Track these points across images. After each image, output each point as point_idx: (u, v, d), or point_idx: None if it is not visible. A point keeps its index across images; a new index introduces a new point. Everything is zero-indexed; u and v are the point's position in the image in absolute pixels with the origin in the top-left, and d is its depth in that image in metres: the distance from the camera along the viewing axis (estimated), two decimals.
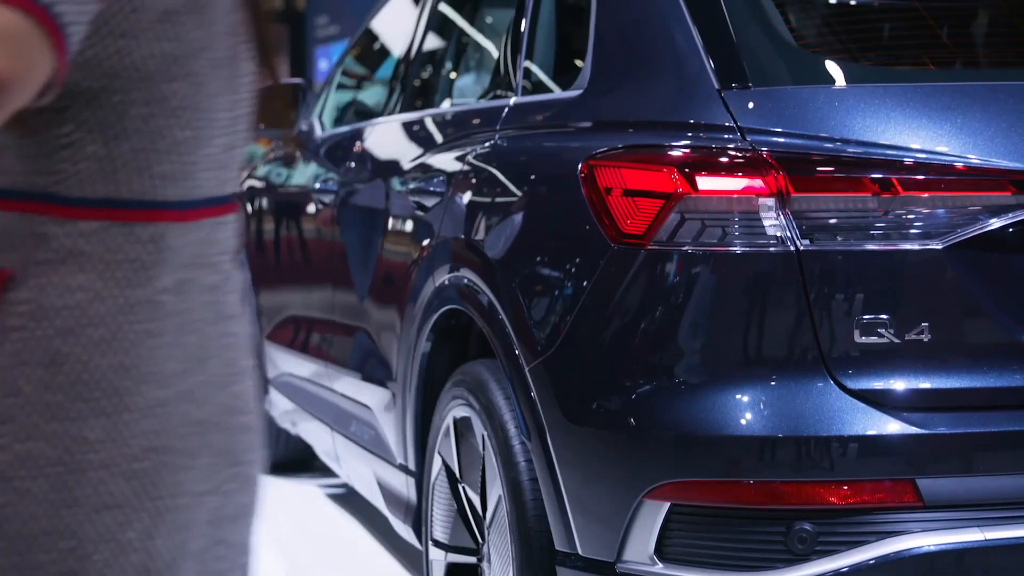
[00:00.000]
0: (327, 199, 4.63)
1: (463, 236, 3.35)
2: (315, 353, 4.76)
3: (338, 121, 5.18)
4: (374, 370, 4.05)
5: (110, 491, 1.41)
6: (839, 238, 2.64)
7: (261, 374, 5.51)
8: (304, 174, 5.11)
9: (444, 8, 4.41)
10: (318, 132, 5.16)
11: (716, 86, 2.81)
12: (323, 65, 22.14)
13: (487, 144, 3.44)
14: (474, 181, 3.40)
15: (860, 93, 2.76)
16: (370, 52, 5.48)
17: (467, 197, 3.40)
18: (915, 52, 2.94)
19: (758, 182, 2.65)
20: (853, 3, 3.04)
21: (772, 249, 2.65)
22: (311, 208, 4.84)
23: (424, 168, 3.76)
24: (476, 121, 3.67)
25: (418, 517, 3.63)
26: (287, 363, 5.16)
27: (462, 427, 3.31)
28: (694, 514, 2.66)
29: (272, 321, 5.35)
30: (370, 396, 4.11)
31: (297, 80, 5.29)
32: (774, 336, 2.67)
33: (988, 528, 2.59)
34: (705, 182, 2.68)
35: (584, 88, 3.15)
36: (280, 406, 5.35)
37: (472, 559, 3.34)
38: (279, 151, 5.69)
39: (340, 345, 4.47)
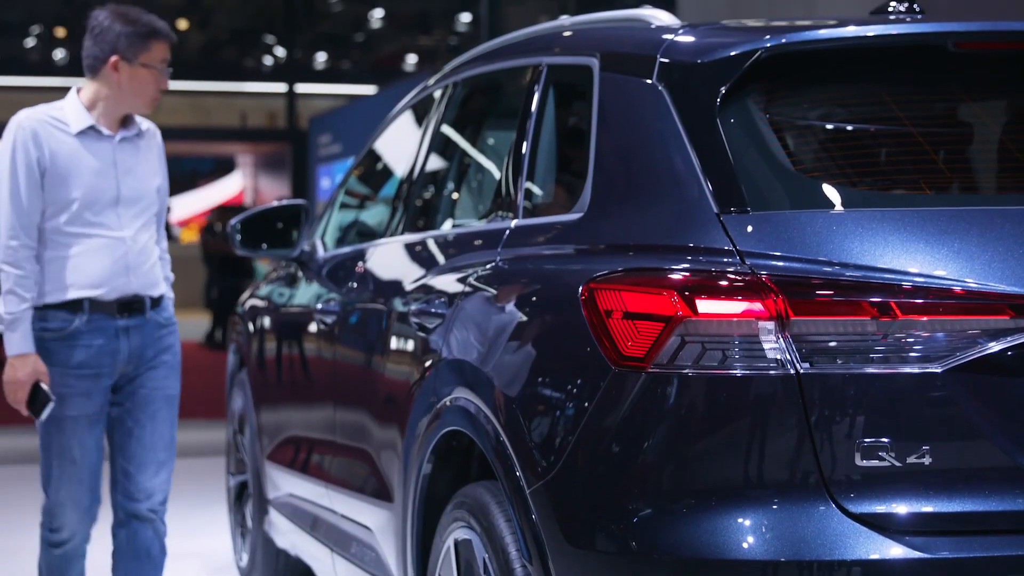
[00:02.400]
0: (329, 319, 4.65)
1: (464, 357, 3.36)
2: (315, 473, 4.75)
3: (340, 242, 5.22)
4: (375, 491, 4.04)
5: None
6: (839, 361, 2.66)
7: (260, 494, 5.49)
8: (306, 294, 5.13)
9: (446, 129, 4.46)
10: (320, 253, 5.19)
11: (715, 210, 2.84)
12: (325, 183, 22.33)
13: (488, 266, 3.47)
14: (475, 303, 3.42)
15: (858, 217, 2.79)
16: (373, 172, 5.53)
17: (468, 318, 3.42)
18: (912, 177, 2.98)
19: (758, 305, 2.67)
20: (850, 128, 3.08)
21: (772, 372, 2.66)
22: (313, 328, 4.86)
23: (426, 289, 3.79)
24: (478, 243, 3.70)
25: None
26: (287, 483, 5.15)
27: (463, 550, 3.29)
28: None
29: (273, 441, 5.34)
30: (371, 517, 4.09)
31: (300, 201, 5.33)
32: (775, 459, 2.67)
33: None
34: (705, 305, 2.70)
35: (585, 211, 3.18)
36: (280, 527, 5.33)
37: None
38: (281, 271, 5.72)
39: (341, 466, 4.47)
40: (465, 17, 26.50)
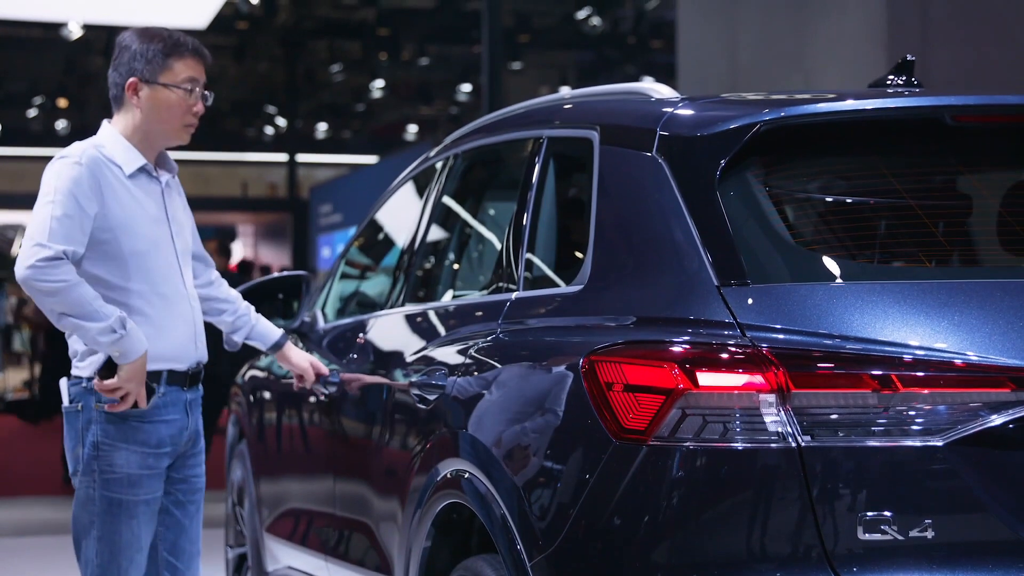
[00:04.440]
0: (329, 390, 4.64)
1: (465, 429, 3.36)
2: (315, 546, 4.72)
3: (341, 312, 5.22)
4: (375, 564, 4.02)
5: None
6: (840, 434, 2.65)
7: (260, 567, 5.45)
8: None
9: (447, 201, 4.47)
10: (320, 323, 5.19)
11: (715, 283, 2.85)
12: (326, 253, 22.37)
13: (489, 338, 3.47)
14: (476, 374, 3.42)
15: (858, 290, 2.79)
16: (373, 243, 5.54)
17: (469, 390, 3.41)
18: (911, 250, 2.99)
19: (758, 378, 2.67)
20: (849, 201, 3.09)
21: (773, 445, 2.65)
22: (313, 399, 4.85)
23: (426, 361, 3.79)
24: (478, 314, 3.70)
25: None
26: (286, 556, 5.12)
27: None
28: None
29: (272, 513, 5.32)
30: None
31: (302, 272, 5.34)
32: (777, 533, 2.66)
33: None
34: (706, 378, 2.70)
35: (585, 283, 3.18)
36: None
37: None
38: None
39: (340, 538, 4.44)
40: (465, 87, 26.65)
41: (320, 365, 4.36)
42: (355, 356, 4.55)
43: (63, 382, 3.81)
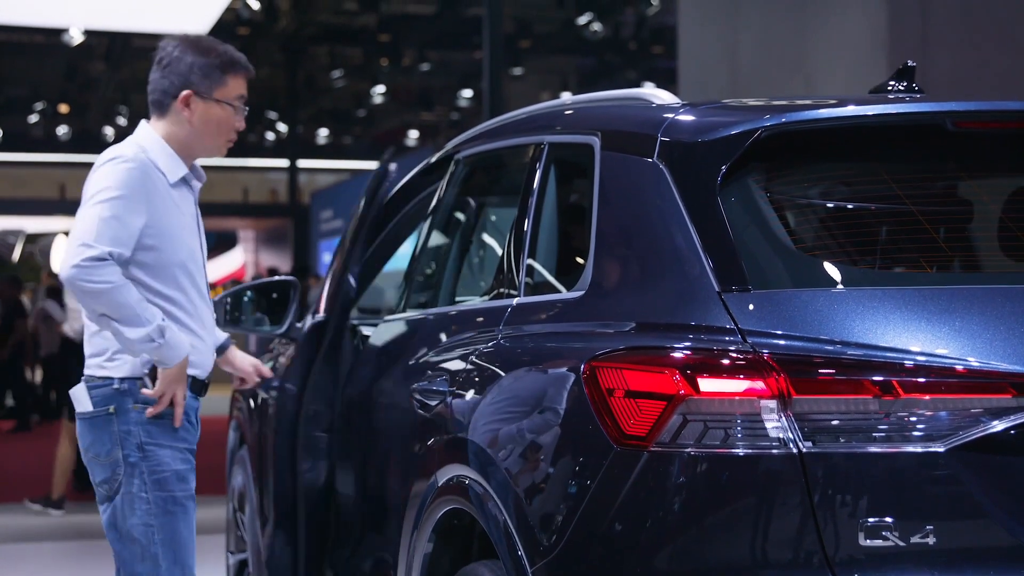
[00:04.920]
0: (271, 394, 4.64)
1: (465, 435, 3.36)
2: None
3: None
4: (376, 571, 4.02)
5: None
6: (841, 440, 2.65)
7: (261, 573, 5.44)
8: None
9: (449, 207, 4.47)
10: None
11: (716, 288, 2.85)
12: (326, 258, 22.37)
13: (490, 343, 3.47)
14: (477, 380, 3.42)
15: (859, 296, 2.79)
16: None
17: (470, 396, 3.41)
18: (913, 255, 2.99)
19: (759, 384, 2.67)
20: (851, 206, 3.09)
21: (775, 451, 2.65)
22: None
23: (427, 366, 3.79)
24: (479, 320, 3.70)
25: None
26: None
27: None
28: None
29: None
30: None
31: (290, 278, 5.28)
32: (778, 539, 2.66)
33: None
34: (707, 384, 2.70)
35: (586, 289, 3.18)
36: None
37: None
38: (281, 347, 5.71)
39: (342, 543, 4.44)
40: (466, 93, 26.67)
41: (264, 368, 4.32)
42: (357, 361, 4.55)
43: (81, 388, 3.70)
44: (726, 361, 2.72)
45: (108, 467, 3.67)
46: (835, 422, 2.66)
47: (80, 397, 3.69)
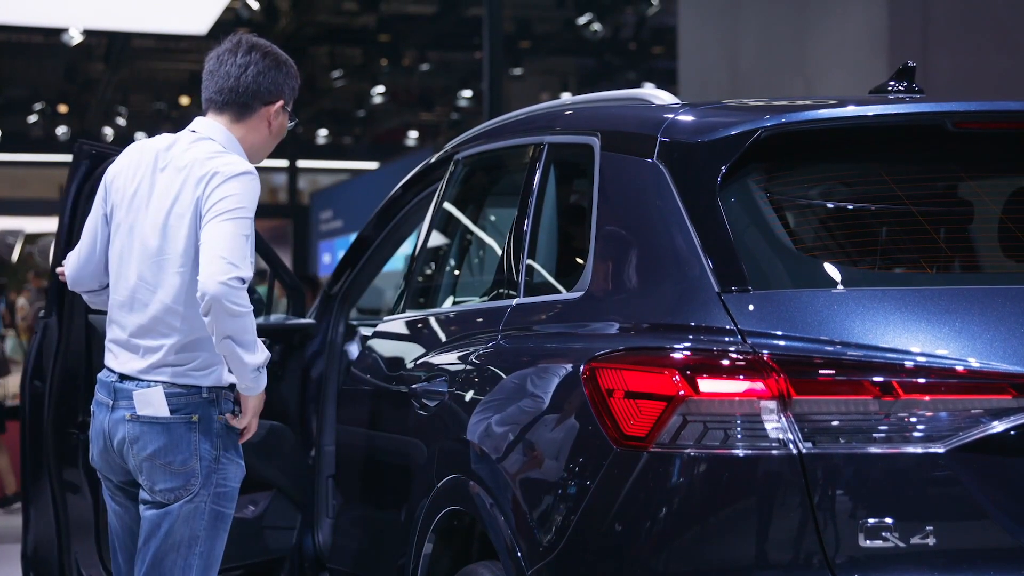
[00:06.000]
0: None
1: (465, 436, 3.35)
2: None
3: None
4: (376, 571, 4.01)
5: None
6: (841, 441, 2.65)
7: None
8: None
9: (448, 207, 4.47)
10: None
11: (716, 289, 2.84)
12: (326, 259, 22.37)
13: (490, 344, 3.46)
14: (476, 381, 3.42)
15: (859, 296, 2.79)
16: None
17: (469, 397, 3.41)
18: (912, 256, 2.99)
19: (759, 385, 2.67)
20: (850, 207, 3.09)
21: (774, 452, 2.65)
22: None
23: (426, 367, 3.78)
24: (479, 321, 3.70)
25: None
26: None
27: None
28: None
29: None
30: None
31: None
32: (778, 539, 2.66)
33: None
34: (707, 385, 2.70)
35: (585, 289, 3.18)
36: None
37: None
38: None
39: (342, 542, 4.44)
40: (466, 93, 26.65)
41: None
42: (356, 361, 4.55)
43: (158, 392, 3.54)
44: (726, 362, 2.72)
45: (182, 476, 3.54)
46: (835, 423, 2.65)
47: (155, 401, 3.55)
